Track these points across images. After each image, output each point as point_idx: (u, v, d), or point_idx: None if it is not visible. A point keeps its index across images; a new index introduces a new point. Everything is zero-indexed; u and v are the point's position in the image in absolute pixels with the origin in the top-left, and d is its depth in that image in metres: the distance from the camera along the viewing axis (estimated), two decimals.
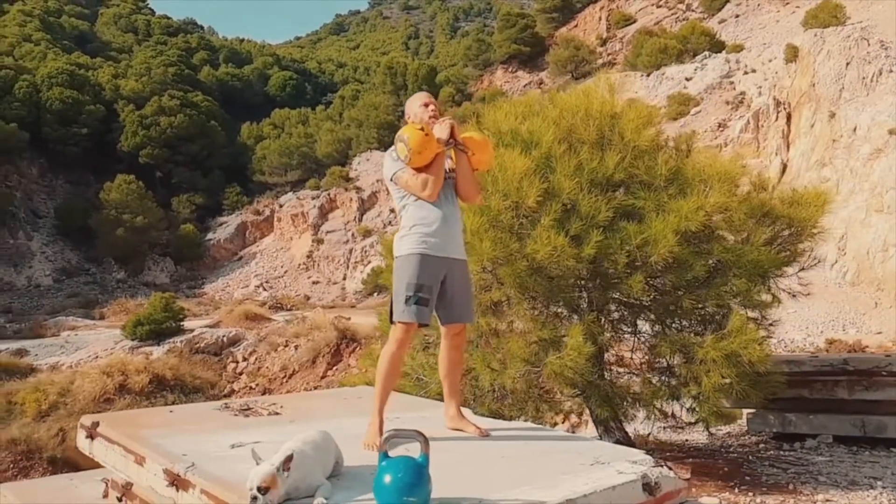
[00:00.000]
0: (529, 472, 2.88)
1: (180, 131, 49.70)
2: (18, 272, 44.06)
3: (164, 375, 24.47)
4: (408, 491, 2.31)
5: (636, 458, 3.11)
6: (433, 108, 3.70)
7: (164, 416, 3.68)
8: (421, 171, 3.45)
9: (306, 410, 3.87)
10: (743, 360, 4.38)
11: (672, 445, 6.41)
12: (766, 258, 4.70)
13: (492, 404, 4.81)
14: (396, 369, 3.48)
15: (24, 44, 55.73)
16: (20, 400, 21.62)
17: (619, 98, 5.16)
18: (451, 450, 3.23)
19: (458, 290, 3.55)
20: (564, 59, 43.00)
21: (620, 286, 4.49)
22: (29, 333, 31.74)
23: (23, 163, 48.04)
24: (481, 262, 4.34)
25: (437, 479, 2.74)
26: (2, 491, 3.53)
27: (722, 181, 4.54)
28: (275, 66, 72.29)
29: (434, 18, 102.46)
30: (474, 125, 5.30)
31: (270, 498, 2.33)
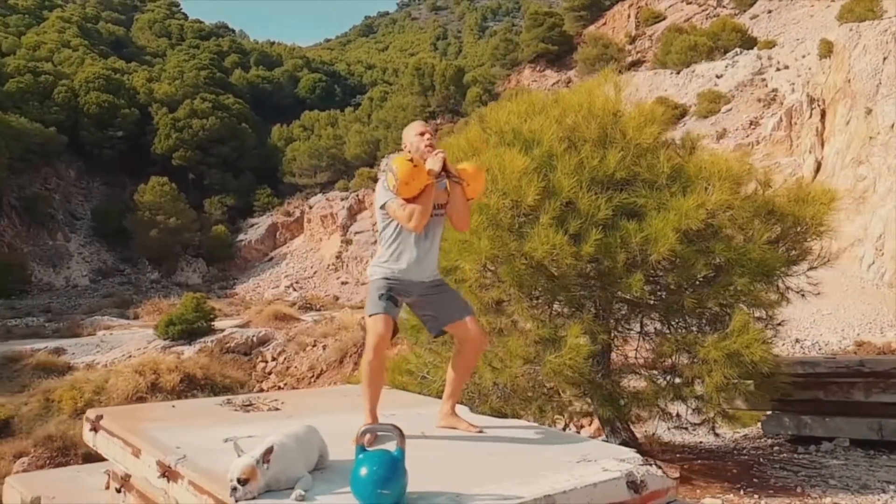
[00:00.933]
0: (513, 468, 2.91)
1: (212, 134, 50.51)
2: (57, 273, 45.18)
3: (194, 374, 24.88)
4: (382, 484, 2.36)
5: (624, 457, 3.11)
6: (429, 137, 3.70)
7: (166, 411, 3.79)
8: (411, 202, 3.48)
9: (306, 407, 3.94)
10: (745, 361, 4.34)
11: (682, 447, 6.35)
12: (771, 257, 4.65)
13: (494, 403, 4.84)
14: (378, 375, 3.50)
15: (63, 50, 57.12)
16: (57, 397, 22.14)
17: (624, 96, 5.14)
18: (440, 446, 3.27)
19: (437, 300, 3.65)
20: (593, 57, 42.69)
21: (620, 285, 4.48)
22: (66, 332, 32.47)
23: (61, 166, 49.28)
24: (480, 261, 4.37)
25: (421, 473, 2.79)
26: (11, 482, 3.67)
27: (724, 179, 4.50)
28: (304, 68, 73.03)
29: (462, 18, 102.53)
30: (476, 124, 5.33)
31: (250, 489, 2.39)
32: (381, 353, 3.46)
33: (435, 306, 3.65)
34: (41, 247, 45.48)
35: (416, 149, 3.68)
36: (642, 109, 4.94)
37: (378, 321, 3.46)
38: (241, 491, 2.37)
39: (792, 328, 14.52)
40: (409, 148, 3.74)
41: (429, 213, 3.51)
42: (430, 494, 2.52)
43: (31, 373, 25.55)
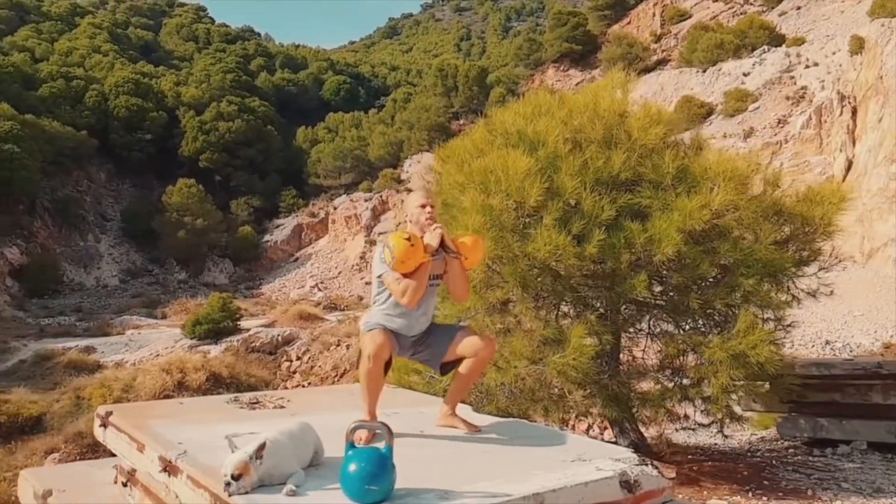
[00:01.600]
0: (506, 467, 2.93)
1: (238, 136, 51.12)
2: (88, 273, 46.05)
3: (220, 373, 25.19)
4: (370, 480, 2.40)
5: (619, 456, 3.12)
6: (430, 210, 3.71)
7: (174, 408, 3.87)
8: (406, 276, 3.53)
9: (311, 404, 4.00)
10: (752, 362, 4.31)
11: (695, 448, 6.30)
12: (778, 257, 4.60)
13: (500, 402, 4.85)
14: (376, 381, 3.53)
15: (94, 55, 58.24)
16: (87, 395, 22.49)
17: (633, 96, 5.12)
18: (436, 445, 3.30)
19: (430, 338, 3.70)
20: (617, 56, 42.37)
21: (625, 286, 4.47)
22: (97, 332, 33.06)
23: (92, 168, 50.25)
24: (484, 261, 4.38)
25: (414, 471, 2.83)
26: (24, 475, 3.78)
27: (729, 179, 4.47)
28: (329, 70, 73.57)
29: (486, 19, 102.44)
30: (483, 126, 5.36)
31: (243, 484, 2.45)
32: (380, 362, 3.49)
33: (428, 347, 3.71)
34: (73, 248, 46.40)
35: (417, 221, 3.71)
36: (648, 110, 4.92)
37: (376, 333, 3.53)
38: (235, 486, 2.43)
39: (822, 330, 14.29)
40: (409, 217, 3.79)
41: (423, 289, 3.56)
42: (419, 491, 2.55)
43: (63, 371, 26.08)
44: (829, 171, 25.57)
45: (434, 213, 3.73)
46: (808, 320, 14.66)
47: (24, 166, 40.74)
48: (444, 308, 4.99)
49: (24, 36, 60.75)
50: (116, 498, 3.30)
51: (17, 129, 41.44)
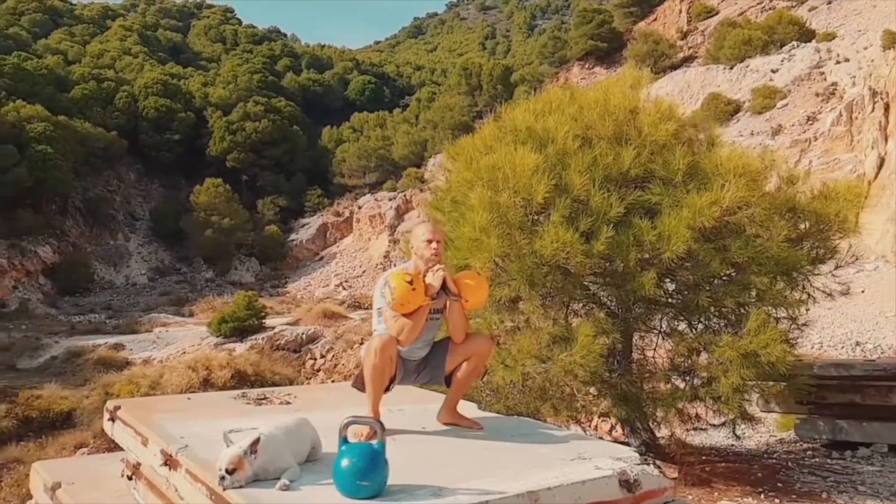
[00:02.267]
0: (504, 464, 2.92)
1: (264, 136, 51.62)
2: (118, 271, 46.86)
3: (245, 371, 25.46)
4: (362, 475, 2.41)
5: (621, 455, 3.09)
6: (435, 246, 3.67)
7: (181, 403, 3.92)
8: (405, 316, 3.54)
9: (316, 400, 4.03)
10: (762, 361, 4.23)
11: (710, 449, 6.22)
12: (791, 255, 4.51)
13: (508, 401, 4.83)
14: (381, 375, 3.55)
15: (124, 57, 59.25)
16: (116, 391, 22.83)
17: (645, 92, 5.07)
18: (436, 442, 3.31)
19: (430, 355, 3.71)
20: (643, 53, 42.00)
21: (633, 283, 4.42)
22: (126, 329, 33.62)
23: (122, 168, 51.14)
24: (490, 259, 4.37)
25: (411, 467, 2.83)
26: (36, 468, 3.86)
27: (740, 175, 4.39)
28: (354, 70, 73.95)
29: (511, 17, 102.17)
30: (492, 123, 5.34)
31: (237, 478, 2.47)
32: (386, 356, 3.50)
33: (429, 365, 3.72)
34: (103, 246, 47.26)
35: (421, 255, 3.69)
36: (659, 106, 4.86)
37: (378, 339, 3.55)
38: (229, 480, 2.46)
39: (853, 331, 14.01)
40: (414, 250, 3.76)
41: (419, 330, 3.57)
42: (412, 487, 2.56)
43: (93, 367, 26.57)
44: (860, 169, 25.04)
45: (440, 248, 3.68)
46: (837, 321, 14.38)
47: (57, 167, 41.63)
48: None
49: (58, 39, 62.00)
50: (123, 491, 3.35)
51: (50, 131, 42.35)
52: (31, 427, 18.80)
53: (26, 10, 66.74)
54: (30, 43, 58.63)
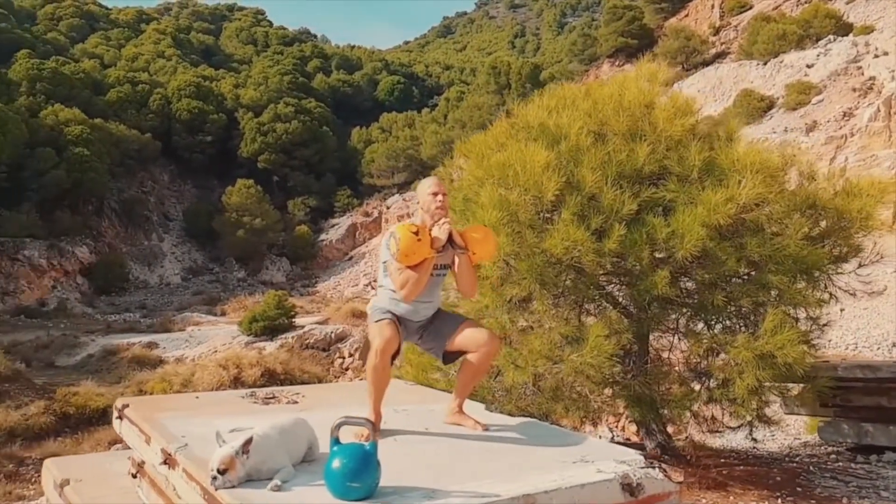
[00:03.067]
0: (503, 467, 2.88)
1: (295, 137, 52.10)
2: (152, 271, 47.71)
3: (274, 370, 25.71)
4: (352, 477, 2.38)
5: (625, 458, 3.02)
6: (441, 198, 3.64)
7: (189, 402, 3.95)
8: (409, 269, 3.50)
9: (323, 400, 4.02)
10: (779, 363, 4.11)
11: (730, 451, 6.08)
12: (810, 253, 4.37)
13: (521, 402, 4.77)
14: (382, 377, 3.52)
15: (158, 60, 60.27)
16: (149, 389, 23.18)
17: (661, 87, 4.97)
18: (438, 443, 3.27)
19: (436, 325, 3.66)
20: (674, 50, 41.46)
21: (645, 282, 4.32)
22: (159, 328, 34.19)
23: (156, 170, 52.07)
24: (499, 257, 4.32)
25: (410, 468, 2.80)
26: (47, 464, 3.92)
27: (757, 172, 4.27)
28: (383, 71, 74.22)
29: (541, 15, 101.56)
30: (504, 121, 5.27)
31: (229, 478, 2.47)
32: (387, 357, 3.48)
33: (433, 334, 3.68)
34: (138, 247, 48.15)
35: (427, 208, 3.67)
36: (675, 100, 4.76)
37: (384, 326, 3.52)
38: (220, 480, 2.45)
39: (889, 332, 13.63)
40: (420, 204, 3.73)
41: (423, 284, 3.53)
42: (405, 489, 2.52)
43: (127, 365, 27.08)
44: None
45: (445, 201, 3.67)
46: (873, 321, 14.01)
47: (94, 168, 42.53)
48: (464, 305, 4.94)
49: (94, 43, 63.33)
50: (129, 489, 3.38)
51: (86, 133, 43.29)
52: (69, 423, 19.18)
53: (64, 15, 68.30)
54: (67, 48, 59.99)
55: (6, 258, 38.93)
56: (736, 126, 4.94)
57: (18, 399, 19.55)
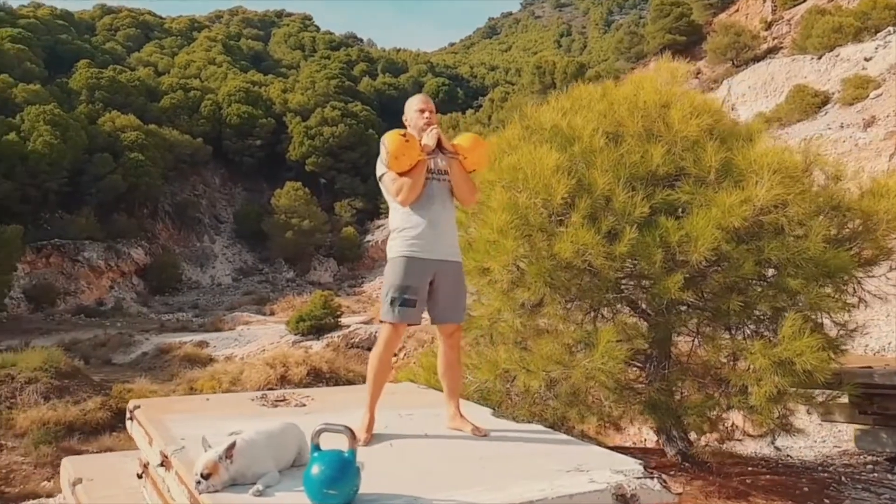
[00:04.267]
0: (492, 474, 2.83)
1: (341, 140, 52.79)
2: (204, 272, 48.96)
3: (320, 368, 26.06)
4: (329, 484, 2.38)
5: (623, 468, 2.95)
6: (428, 114, 3.73)
7: (197, 404, 4.01)
8: (403, 176, 3.49)
9: (330, 403, 4.04)
10: (797, 369, 3.95)
11: (757, 459, 5.87)
12: (833, 256, 4.18)
13: (534, 407, 4.70)
14: (385, 368, 3.57)
15: (209, 66, 61.80)
16: (199, 387, 23.71)
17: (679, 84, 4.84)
18: (433, 448, 3.24)
19: (448, 291, 3.57)
20: (724, 46, 40.47)
21: (658, 287, 4.20)
22: (210, 327, 35.03)
23: (207, 173, 53.45)
24: (509, 261, 4.27)
25: (394, 475, 2.78)
26: (64, 462, 4.04)
27: (775, 172, 4.11)
28: (429, 73, 74.50)
29: (587, 14, 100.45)
30: (517, 122, 5.21)
31: (212, 483, 2.49)
32: (391, 351, 3.55)
33: (441, 297, 3.59)
34: (190, 248, 49.47)
35: (415, 125, 3.73)
36: (692, 99, 4.62)
37: (385, 330, 3.56)
38: (204, 484, 2.48)
39: None
40: (408, 123, 3.80)
41: (418, 188, 3.51)
42: (386, 497, 2.51)
43: (179, 363, 27.82)
44: None
45: (433, 117, 3.71)
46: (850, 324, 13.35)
47: (148, 173, 43.93)
48: (476, 308, 4.90)
49: (149, 52, 65.32)
50: (136, 490, 3.45)
51: (141, 139, 44.73)
52: (123, 419, 19.80)
53: (121, 25, 70.66)
54: (124, 57, 62.02)
55: (67, 260, 40.48)
56: (759, 125, 4.75)
57: (77, 395, 20.25)
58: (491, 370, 4.62)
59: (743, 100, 37.33)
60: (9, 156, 36.93)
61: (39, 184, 38.58)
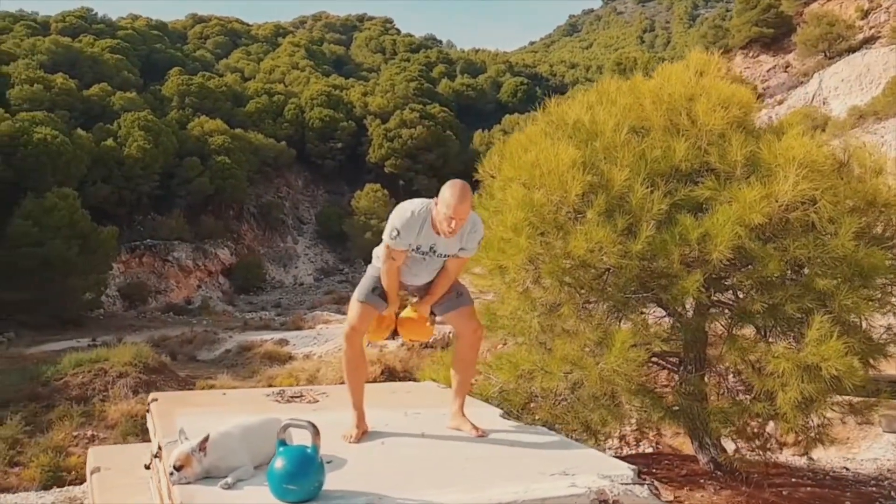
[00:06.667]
0: (472, 475, 2.79)
1: (419, 142, 53.32)
2: (287, 272, 50.54)
3: (394, 367, 26.35)
4: (288, 479, 2.39)
5: (612, 473, 2.84)
6: (454, 224, 3.28)
7: (213, 398, 4.13)
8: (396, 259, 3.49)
9: (343, 400, 4.04)
10: (824, 375, 3.67)
11: (801, 469, 5.51)
12: (866, 255, 3.86)
13: (554, 409, 4.58)
14: (355, 364, 3.55)
15: (293, 71, 63.71)
16: (277, 384, 24.38)
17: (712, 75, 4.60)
18: (426, 447, 3.22)
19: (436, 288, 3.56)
20: (815, 37, 38.41)
21: (677, 287, 4.01)
22: (291, 326, 36.02)
23: (291, 176, 55.12)
24: (523, 259, 4.17)
25: (372, 474, 2.78)
26: (90, 452, 4.24)
27: (804, 166, 3.84)
28: (507, 73, 74.19)
29: (671, 9, 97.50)
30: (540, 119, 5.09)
31: (185, 475, 2.55)
32: (356, 344, 3.56)
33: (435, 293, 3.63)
34: (274, 249, 51.14)
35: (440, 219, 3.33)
36: (720, 91, 4.38)
37: (359, 309, 3.59)
38: (176, 476, 2.54)
39: None
40: (437, 205, 3.40)
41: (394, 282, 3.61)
42: (351, 494, 2.51)
43: (260, 361, 28.74)
44: None
45: (457, 227, 3.30)
46: None
47: (234, 176, 45.72)
48: (500, 309, 4.81)
49: (236, 58, 67.99)
50: (145, 480, 3.58)
51: (228, 143, 46.60)
52: None
53: (210, 33, 73.90)
54: (213, 63, 64.79)
55: (158, 259, 42.64)
56: (796, 118, 4.44)
57: (163, 390, 21.23)
58: (511, 371, 4.54)
59: (835, 93, 35.39)
60: (106, 161, 39.21)
61: (133, 187, 40.76)
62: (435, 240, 3.41)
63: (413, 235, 3.38)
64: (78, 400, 17.69)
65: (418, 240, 3.40)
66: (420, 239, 3.40)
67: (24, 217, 30.71)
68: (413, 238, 3.39)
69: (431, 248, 3.43)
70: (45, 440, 14.65)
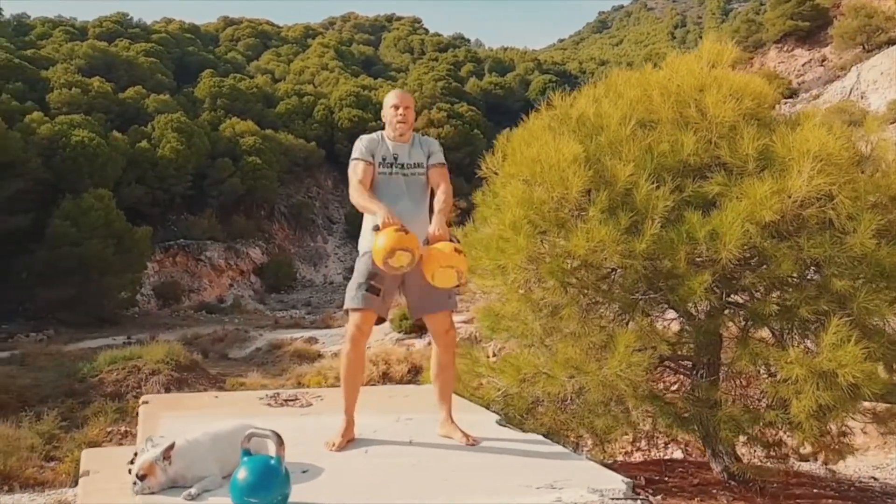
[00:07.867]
0: (454, 487, 2.66)
1: (447, 141, 53.12)
2: (317, 271, 50.90)
3: (421, 366, 26.28)
4: (249, 491, 2.29)
5: (604, 486, 2.68)
6: (403, 111, 3.63)
7: (204, 401, 4.05)
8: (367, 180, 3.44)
9: (338, 404, 3.94)
10: (840, 382, 3.44)
11: (824, 480, 5.24)
12: (888, 254, 3.61)
13: (558, 415, 4.40)
14: (354, 369, 3.46)
15: (322, 72, 64.09)
16: (306, 382, 24.52)
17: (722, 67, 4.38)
18: (411, 456, 3.10)
19: (420, 283, 3.42)
20: (853, 30, 37.42)
21: (683, 288, 3.80)
22: (321, 324, 36.24)
23: (320, 176, 55.49)
24: (522, 260, 4.00)
25: (348, 484, 2.65)
26: (83, 453, 4.18)
27: (819, 160, 3.60)
28: (535, 70, 73.65)
29: (703, 4, 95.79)
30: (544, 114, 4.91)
31: (148, 484, 2.46)
32: (360, 347, 3.43)
33: (418, 288, 3.49)
34: (304, 248, 51.55)
35: (389, 122, 3.71)
36: (731, 82, 4.16)
37: (356, 316, 3.44)
38: (139, 486, 2.45)
39: None
40: (384, 117, 3.79)
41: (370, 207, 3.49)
42: None
43: (290, 359, 28.94)
44: None
45: (408, 114, 3.64)
46: None
47: (265, 176, 46.20)
48: (501, 310, 4.66)
49: (267, 60, 68.61)
50: None
51: (259, 143, 47.09)
52: None
53: (241, 36, 74.70)
54: (244, 65, 65.49)
55: (192, 259, 43.26)
56: (813, 109, 4.21)
57: (195, 387, 21.46)
58: (514, 374, 4.38)
59: (874, 87, 34.41)
60: (141, 162, 39.90)
61: (167, 187, 41.39)
62: (395, 149, 3.59)
63: (374, 146, 3.62)
64: (112, 396, 17.93)
65: (380, 150, 3.60)
66: (382, 150, 3.60)
67: (62, 217, 31.37)
68: (374, 148, 3.61)
69: (395, 157, 3.57)
70: (80, 435, 14.87)
